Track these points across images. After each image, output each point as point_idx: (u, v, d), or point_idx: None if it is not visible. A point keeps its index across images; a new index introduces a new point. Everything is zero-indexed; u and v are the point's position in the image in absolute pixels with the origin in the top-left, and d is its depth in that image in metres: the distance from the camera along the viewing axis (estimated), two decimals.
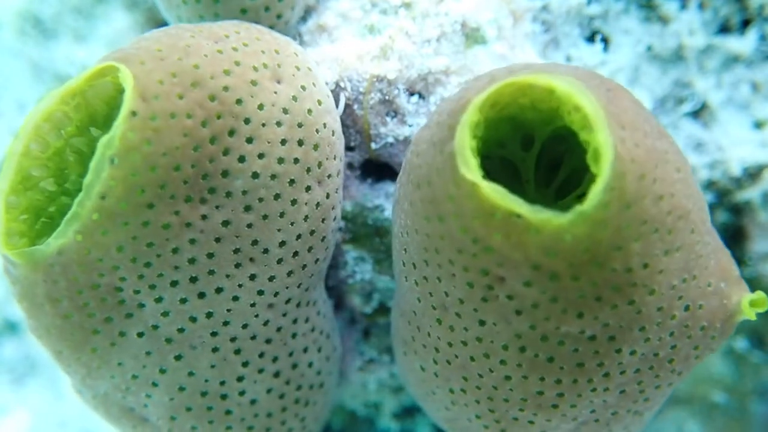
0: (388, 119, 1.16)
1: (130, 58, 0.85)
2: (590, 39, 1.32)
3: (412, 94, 1.16)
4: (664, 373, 0.91)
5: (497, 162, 1.02)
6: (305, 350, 1.09)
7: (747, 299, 0.93)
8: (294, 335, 1.06)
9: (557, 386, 0.88)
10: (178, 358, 0.97)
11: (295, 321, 1.05)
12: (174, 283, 0.91)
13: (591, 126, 0.75)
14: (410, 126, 1.15)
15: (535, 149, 0.99)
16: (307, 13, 1.21)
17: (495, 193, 0.75)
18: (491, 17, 1.18)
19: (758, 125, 1.36)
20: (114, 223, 0.83)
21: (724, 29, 1.34)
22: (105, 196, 0.82)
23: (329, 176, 1.00)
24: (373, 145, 1.16)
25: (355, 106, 1.14)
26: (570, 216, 0.73)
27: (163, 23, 1.71)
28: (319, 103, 0.99)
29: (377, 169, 1.21)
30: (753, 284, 1.41)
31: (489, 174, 1.03)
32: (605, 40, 1.32)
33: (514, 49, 1.21)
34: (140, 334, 0.94)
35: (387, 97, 1.14)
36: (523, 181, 1.02)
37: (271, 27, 1.12)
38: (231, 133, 0.89)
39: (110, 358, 0.95)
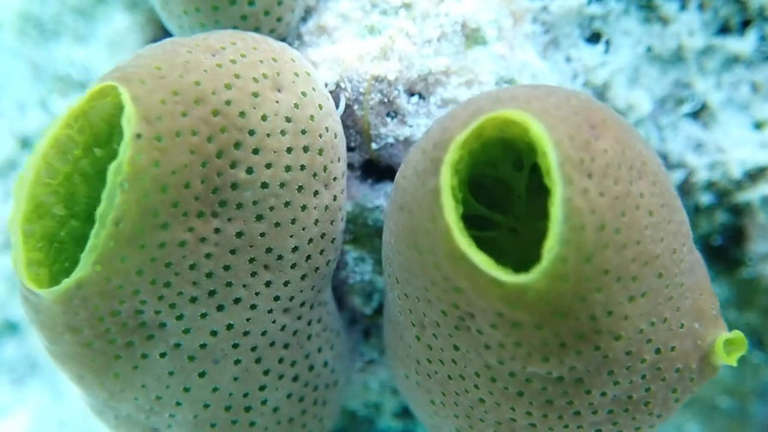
0: (388, 120, 1.16)
1: (129, 77, 0.85)
2: (590, 40, 1.32)
3: (412, 95, 1.16)
4: (640, 416, 0.90)
5: (492, 178, 1.02)
6: (319, 350, 1.09)
7: (722, 339, 0.90)
8: (309, 337, 1.06)
9: (528, 417, 0.89)
10: (201, 375, 0.97)
11: (309, 323, 1.06)
12: (193, 299, 0.91)
13: (550, 177, 0.74)
14: (410, 126, 1.15)
15: (525, 172, 1.00)
16: (307, 14, 1.21)
17: (464, 243, 0.75)
18: (491, 18, 1.18)
19: (758, 126, 1.36)
20: (131, 248, 0.83)
21: (724, 30, 1.34)
22: (119, 222, 0.81)
23: (335, 179, 1.01)
24: (374, 146, 1.16)
25: (356, 107, 1.14)
26: (530, 276, 0.74)
27: (163, 24, 1.71)
28: (320, 107, 0.99)
29: (377, 169, 1.21)
30: (753, 285, 1.41)
31: (483, 188, 1.03)
32: (605, 41, 1.32)
33: (514, 49, 1.21)
34: (163, 355, 0.94)
35: (387, 98, 1.14)
36: (515, 196, 1.02)
37: (272, 30, 1.12)
38: (237, 145, 0.89)
39: (133, 382, 0.94)
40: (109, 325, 0.88)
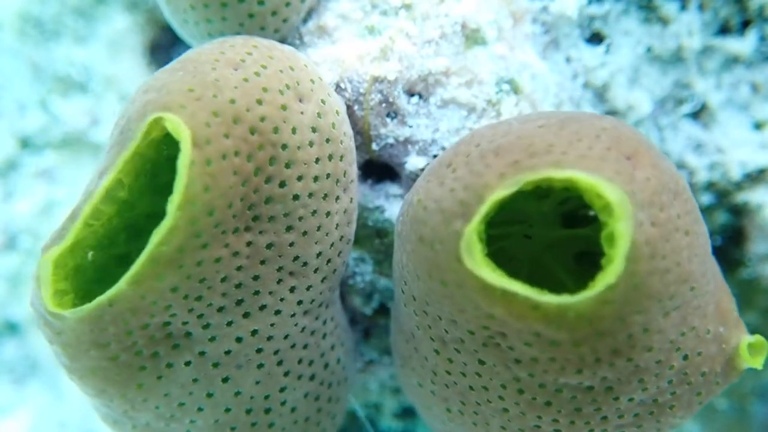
0: (388, 120, 1.16)
1: (169, 104, 0.84)
2: (590, 40, 1.32)
3: (412, 95, 1.16)
4: (665, 418, 0.92)
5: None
6: (332, 348, 1.10)
7: (745, 342, 0.91)
8: (324, 335, 1.07)
9: (555, 424, 0.89)
10: (225, 380, 0.97)
11: (324, 322, 1.06)
12: (221, 309, 0.91)
13: (613, 215, 0.74)
14: (410, 127, 1.15)
15: (550, 202, 1.01)
16: (307, 14, 1.21)
17: (496, 278, 0.76)
18: (491, 18, 1.18)
19: (758, 126, 1.36)
20: (170, 268, 0.82)
21: (723, 30, 1.34)
22: (163, 244, 0.80)
23: (351, 181, 1.02)
24: (374, 146, 1.16)
25: (356, 107, 1.14)
26: (574, 299, 0.74)
27: (164, 25, 1.71)
28: (337, 113, 1.00)
29: (378, 169, 1.21)
30: (753, 285, 1.41)
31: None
32: (605, 41, 1.32)
33: (514, 50, 1.21)
34: (188, 363, 0.93)
35: (387, 98, 1.14)
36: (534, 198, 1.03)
37: (276, 30, 1.12)
38: (271, 161, 0.89)
39: (157, 391, 0.94)
40: (137, 338, 0.88)
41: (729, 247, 1.41)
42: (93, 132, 1.83)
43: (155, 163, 0.92)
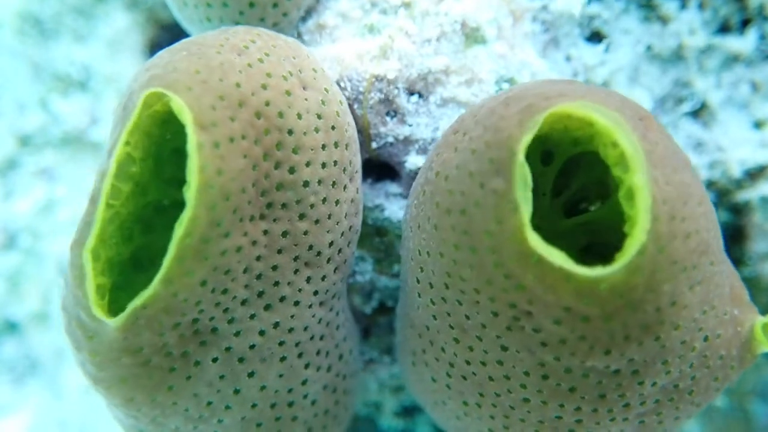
0: (388, 119, 1.16)
1: (174, 84, 0.83)
2: (590, 39, 1.32)
3: (411, 94, 1.16)
4: (683, 405, 0.91)
5: None
6: (345, 339, 1.11)
7: (759, 324, 0.90)
8: (338, 327, 1.08)
9: (576, 413, 0.88)
10: (250, 375, 0.97)
11: (337, 313, 1.07)
12: (244, 302, 0.91)
13: (628, 166, 0.73)
14: (410, 126, 1.15)
15: (556, 165, 0.99)
16: (306, 13, 1.21)
17: (537, 241, 0.74)
18: (491, 17, 1.18)
19: (758, 125, 1.36)
20: (198, 260, 0.81)
21: (723, 29, 1.34)
22: (188, 236, 0.79)
23: (356, 172, 1.02)
24: (374, 145, 1.16)
25: (355, 106, 1.14)
26: (608, 269, 0.72)
27: (163, 24, 1.71)
28: (341, 103, 1.00)
29: (377, 168, 1.21)
30: (752, 284, 1.41)
31: None
32: (605, 40, 1.32)
33: (513, 48, 1.21)
34: (215, 360, 0.93)
35: (387, 97, 1.14)
36: (540, 193, 1.02)
37: (275, 24, 1.13)
38: (278, 146, 0.89)
39: (186, 392, 0.93)
40: (168, 338, 0.87)
41: (729, 246, 1.41)
42: (93, 131, 1.84)
43: (159, 152, 0.92)
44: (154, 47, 1.75)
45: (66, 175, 1.88)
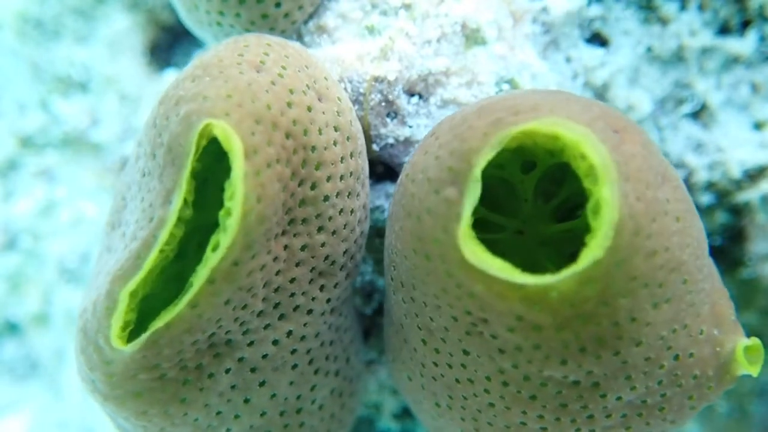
0: (388, 120, 1.16)
1: (213, 111, 0.81)
2: (590, 40, 1.32)
3: (412, 95, 1.16)
4: (654, 421, 0.89)
5: (496, 179, 1.01)
6: (351, 342, 1.10)
7: (741, 346, 0.88)
8: (345, 330, 1.08)
9: (540, 420, 0.88)
10: (261, 384, 0.97)
11: (345, 316, 1.07)
12: (260, 313, 0.91)
13: (596, 179, 0.72)
14: (410, 127, 1.15)
15: (535, 174, 0.99)
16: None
17: (479, 251, 0.74)
18: (491, 18, 1.18)
19: (758, 126, 1.36)
20: (228, 282, 0.81)
21: (723, 30, 1.34)
22: (223, 260, 0.79)
23: (366, 176, 1.02)
24: (374, 146, 1.16)
25: (356, 107, 1.14)
26: (556, 278, 0.72)
27: (164, 25, 1.71)
28: (351, 110, 1.00)
29: (377, 169, 1.21)
30: (753, 285, 1.41)
31: (486, 190, 1.03)
32: (605, 41, 1.32)
33: (513, 49, 1.21)
34: (227, 371, 0.93)
35: (387, 98, 1.14)
36: (522, 199, 1.02)
37: (283, 31, 1.14)
38: (303, 164, 0.89)
39: (198, 403, 0.93)
40: (185, 353, 0.87)
41: (729, 247, 1.41)
42: (93, 132, 1.84)
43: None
44: (154, 48, 1.75)
45: (66, 176, 1.88)
